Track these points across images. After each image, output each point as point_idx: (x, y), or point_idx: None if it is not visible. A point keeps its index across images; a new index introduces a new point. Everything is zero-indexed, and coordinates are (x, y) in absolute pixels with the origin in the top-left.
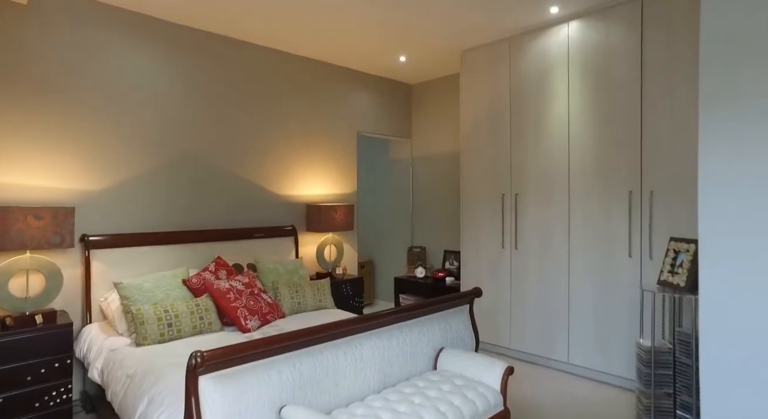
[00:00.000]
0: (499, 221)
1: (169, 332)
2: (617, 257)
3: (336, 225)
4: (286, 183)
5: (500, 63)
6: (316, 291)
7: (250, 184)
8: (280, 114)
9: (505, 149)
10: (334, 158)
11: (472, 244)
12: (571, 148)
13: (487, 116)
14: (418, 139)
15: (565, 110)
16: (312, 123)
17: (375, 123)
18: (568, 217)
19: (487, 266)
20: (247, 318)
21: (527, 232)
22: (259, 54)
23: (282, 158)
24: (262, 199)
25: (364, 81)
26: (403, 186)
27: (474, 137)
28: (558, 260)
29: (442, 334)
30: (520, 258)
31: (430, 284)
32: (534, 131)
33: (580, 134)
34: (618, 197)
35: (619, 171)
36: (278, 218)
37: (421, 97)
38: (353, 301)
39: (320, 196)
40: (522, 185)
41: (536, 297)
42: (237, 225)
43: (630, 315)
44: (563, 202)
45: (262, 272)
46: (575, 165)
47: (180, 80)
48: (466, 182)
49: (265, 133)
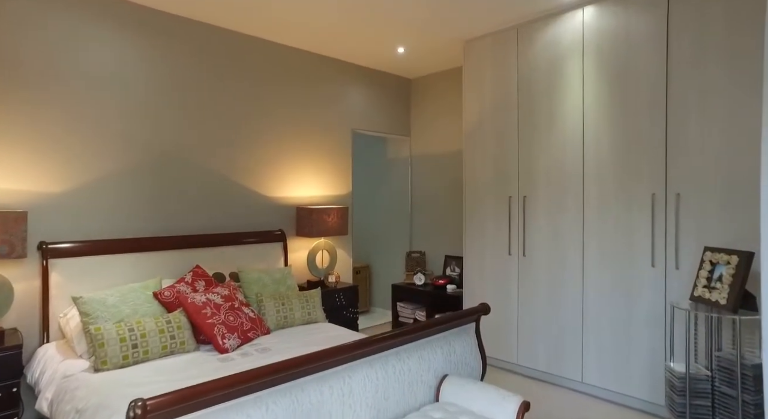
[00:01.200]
0: (506, 225)
1: (134, 354)
2: (638, 266)
3: (328, 229)
4: (275, 184)
5: (507, 54)
6: (305, 303)
7: (235, 185)
8: (268, 110)
9: (512, 148)
10: (327, 157)
11: (476, 250)
12: (586, 146)
13: (492, 111)
14: (418, 137)
15: (579, 105)
16: (303, 120)
17: (371, 120)
18: (582, 221)
19: (492, 275)
20: (225, 336)
21: (536, 238)
22: (243, 44)
23: (270, 157)
24: (248, 201)
25: (359, 75)
26: (401, 187)
27: (478, 134)
28: (571, 268)
29: (445, 358)
30: (529, 266)
31: (430, 291)
32: (544, 127)
33: (596, 130)
34: (639, 200)
35: (641, 171)
36: (266, 222)
37: (421, 93)
38: (347, 311)
39: (312, 198)
40: (531, 187)
41: (546, 309)
42: (220, 230)
43: (653, 332)
44: (577, 205)
45: (246, 282)
46: (590, 165)
47: (156, 71)
48: (470, 183)
49: (251, 130)
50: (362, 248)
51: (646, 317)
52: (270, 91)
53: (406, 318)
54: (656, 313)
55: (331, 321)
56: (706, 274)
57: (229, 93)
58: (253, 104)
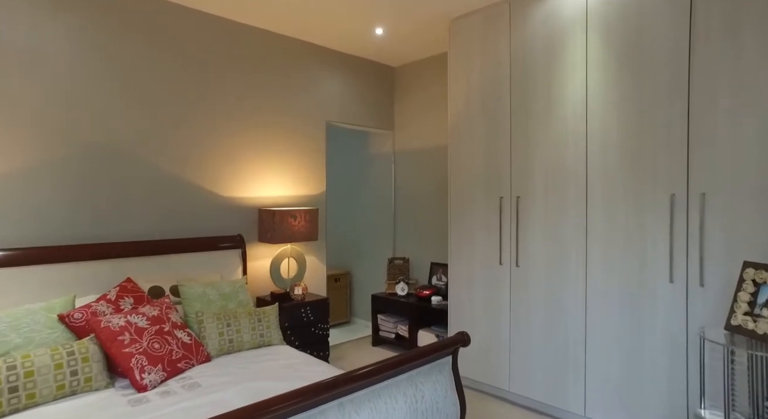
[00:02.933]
0: (496, 230)
1: (12, 401)
2: (653, 281)
3: (294, 234)
4: (235, 183)
5: (498, 33)
6: (257, 323)
7: (186, 183)
8: (227, 99)
9: (504, 141)
10: (297, 152)
11: (463, 259)
12: (591, 138)
13: (482, 100)
14: (402, 131)
15: (582, 90)
16: (269, 110)
17: (349, 111)
18: (585, 226)
19: (481, 287)
20: (145, 369)
21: (531, 245)
22: (197, 22)
23: (229, 152)
24: (201, 202)
25: (335, 61)
26: (384, 186)
27: (465, 126)
28: (572, 282)
29: (410, 408)
30: (523, 278)
31: (413, 303)
32: (541, 117)
33: (602, 119)
34: (655, 202)
35: (657, 167)
36: (222, 226)
37: (406, 82)
38: (316, 328)
39: (279, 198)
40: (525, 186)
41: (543, 329)
42: (164, 236)
43: (672, 365)
44: (579, 207)
45: (187, 298)
46: (595, 160)
47: (85, 50)
48: (455, 182)
49: (207, 121)
50: (342, 254)
51: (663, 344)
52: (230, 78)
53: (387, 332)
54: (675, 341)
55: (297, 339)
56: (747, 297)
57: (181, 79)
58: (209, 92)
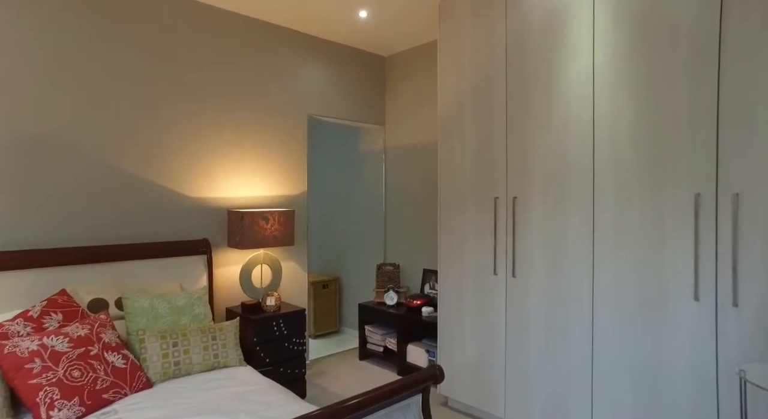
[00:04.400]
0: (490, 235)
1: None
2: (674, 299)
3: (266, 238)
4: (203, 182)
5: (492, 12)
6: (211, 341)
7: (147, 183)
8: (195, 90)
9: (499, 135)
10: (274, 148)
11: (453, 267)
12: (599, 130)
13: (475, 88)
14: (394, 125)
15: (589, 75)
16: (243, 103)
17: (335, 104)
18: (592, 232)
19: (474, 300)
20: (56, 404)
21: (530, 253)
22: (160, 4)
23: (197, 148)
24: (165, 204)
25: (318, 49)
26: (375, 185)
27: (456, 119)
28: (577, 297)
29: None
30: (520, 291)
31: (403, 315)
32: (541, 105)
33: (611, 105)
34: (676, 204)
35: (679, 162)
36: (188, 229)
37: (398, 73)
38: (290, 343)
39: (254, 199)
40: (523, 185)
41: (543, 350)
42: (122, 240)
43: (698, 401)
44: (585, 209)
45: (132, 313)
46: (603, 154)
47: (14, 30)
48: (446, 181)
49: (171, 114)
50: (330, 259)
51: (687, 377)
52: (197, 66)
53: (374, 345)
54: (703, 374)
55: (268, 356)
56: None
57: (138, 67)
58: (173, 82)
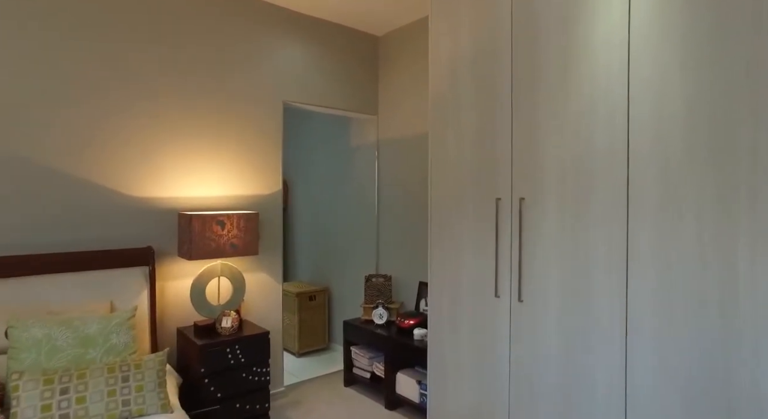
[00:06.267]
0: (491, 246)
1: None
2: (753, 346)
3: (221, 247)
4: (151, 180)
5: None
6: (122, 384)
7: (77, 180)
8: (138, 69)
9: (503, 121)
10: (242, 140)
11: (445, 286)
12: (636, 105)
13: (473, 61)
14: (389, 115)
15: (623, 36)
16: (199, 85)
17: (317, 90)
18: (626, 246)
19: (469, 328)
20: None
21: (541, 269)
22: None
23: (142, 139)
24: (101, 205)
25: (298, 26)
26: (367, 184)
27: (450, 100)
28: (604, 333)
29: None
30: (528, 319)
31: (393, 337)
32: (556, 81)
33: (653, 83)
34: (754, 212)
35: (758, 152)
36: (129, 235)
37: (393, 54)
38: (250, 373)
39: (216, 200)
40: (533, 183)
41: (559, 402)
42: (32, 249)
43: None
44: (616, 216)
45: (17, 347)
46: (644, 140)
47: None
48: (437, 180)
49: (110, 99)
50: (319, 267)
51: None
52: (142, 43)
53: (361, 370)
54: None
55: (220, 390)
56: None
57: (64, 44)
58: (110, 62)
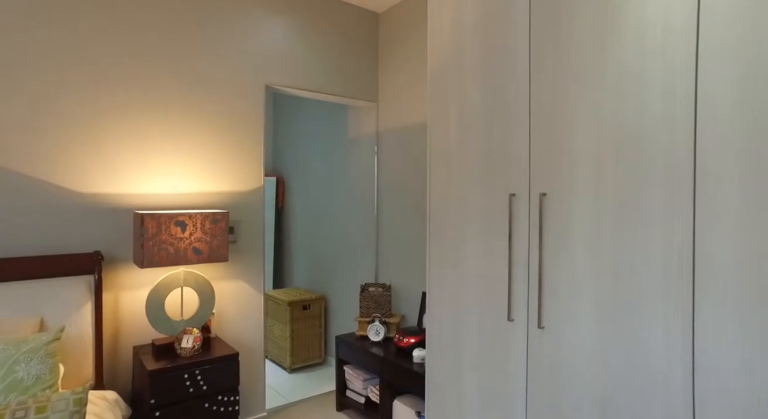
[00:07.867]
0: (502, 257)
1: None
2: None
3: (180, 253)
4: (103, 174)
5: None
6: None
7: (4, 172)
8: (87, 46)
9: (518, 95)
10: (216, 129)
11: (445, 303)
12: (704, 72)
13: (480, 25)
14: (390, 102)
15: None
16: (163, 64)
17: (308, 73)
18: (693, 260)
19: (476, 357)
20: None
21: (569, 285)
22: None
23: (92, 126)
24: (36, 202)
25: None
26: (366, 179)
27: (452, 74)
28: (658, 369)
29: None
30: (550, 351)
31: (389, 357)
32: (588, 42)
33: (733, 30)
34: None
35: None
36: (73, 238)
37: (396, 34)
38: (214, 403)
39: (184, 197)
40: (557, 175)
41: None
42: None
43: None
44: (678, 220)
45: None
46: (715, 119)
47: None
48: (437, 173)
49: (49, 79)
50: (315, 273)
51: None
52: (86, 14)
53: (355, 393)
54: None
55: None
56: None
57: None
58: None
